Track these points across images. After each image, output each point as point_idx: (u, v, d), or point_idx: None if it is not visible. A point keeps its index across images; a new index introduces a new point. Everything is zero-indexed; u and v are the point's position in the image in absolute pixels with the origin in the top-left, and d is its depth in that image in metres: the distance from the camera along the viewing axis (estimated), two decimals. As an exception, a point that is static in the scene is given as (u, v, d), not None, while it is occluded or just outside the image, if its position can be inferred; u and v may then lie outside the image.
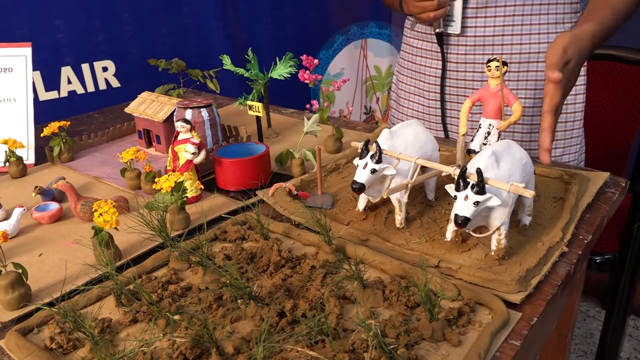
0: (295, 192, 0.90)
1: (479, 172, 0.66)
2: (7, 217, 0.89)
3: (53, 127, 1.10)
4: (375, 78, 2.87)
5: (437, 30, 1.10)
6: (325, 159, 1.05)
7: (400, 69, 1.30)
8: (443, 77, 1.12)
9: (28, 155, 1.14)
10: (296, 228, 0.81)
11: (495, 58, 0.82)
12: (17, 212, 0.86)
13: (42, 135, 1.11)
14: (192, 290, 0.68)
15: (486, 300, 0.63)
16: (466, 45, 1.10)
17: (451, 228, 0.75)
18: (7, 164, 1.08)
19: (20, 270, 0.67)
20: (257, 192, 0.92)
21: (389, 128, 0.81)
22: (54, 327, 0.62)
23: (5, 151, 1.07)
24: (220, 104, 1.52)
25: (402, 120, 1.32)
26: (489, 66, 0.83)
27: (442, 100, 1.16)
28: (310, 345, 0.56)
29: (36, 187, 0.92)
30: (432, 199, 0.88)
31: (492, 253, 0.71)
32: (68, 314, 0.59)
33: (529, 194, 0.66)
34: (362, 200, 0.85)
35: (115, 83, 2.04)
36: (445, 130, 1.21)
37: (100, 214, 0.71)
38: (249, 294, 0.62)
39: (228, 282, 0.62)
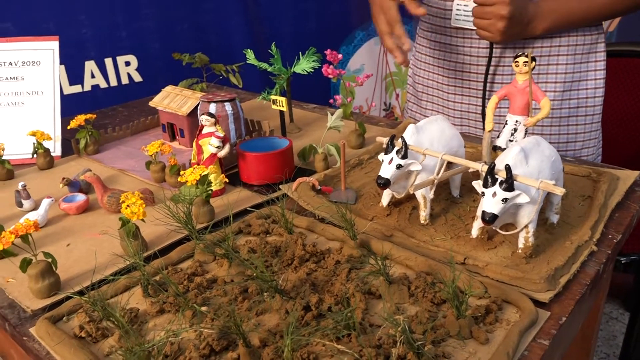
0: (319, 187, 0.90)
1: (507, 168, 0.65)
2: (35, 208, 0.91)
3: (80, 119, 1.12)
4: (395, 74, 2.85)
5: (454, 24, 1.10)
6: (348, 154, 1.05)
7: (417, 63, 1.29)
8: (487, 74, 1.10)
9: (55, 147, 1.16)
10: (320, 223, 0.81)
11: (523, 53, 0.81)
12: (45, 202, 0.87)
13: (68, 127, 1.12)
14: (217, 283, 0.69)
15: (514, 298, 0.62)
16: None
17: (477, 225, 0.75)
18: (35, 155, 1.10)
19: (49, 260, 0.69)
20: (280, 186, 0.92)
21: (415, 123, 0.81)
22: (83, 316, 0.63)
23: (33, 143, 1.09)
24: (242, 98, 1.52)
25: (419, 115, 1.31)
26: (516, 62, 0.82)
27: (484, 98, 1.14)
28: (336, 340, 0.56)
29: (63, 178, 0.93)
30: (457, 195, 0.87)
31: (519, 251, 0.70)
32: (97, 303, 0.60)
33: (559, 191, 0.65)
34: (386, 196, 0.84)
35: (137, 77, 2.06)
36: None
37: (128, 206, 0.72)
38: (274, 287, 0.63)
39: (254, 274, 0.62)
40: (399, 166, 0.74)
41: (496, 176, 0.66)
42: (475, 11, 1.00)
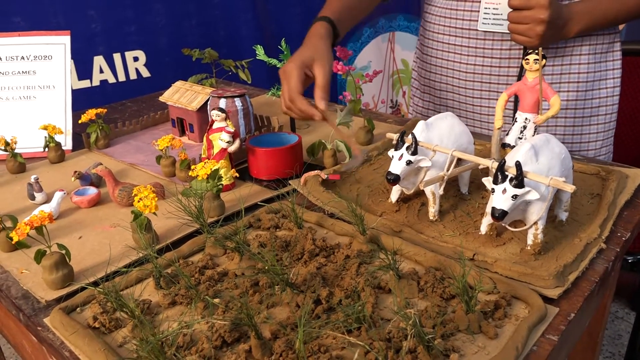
0: (326, 176, 0.91)
1: (518, 165, 0.65)
2: (47, 201, 0.92)
3: (90, 114, 1.13)
4: (402, 72, 2.85)
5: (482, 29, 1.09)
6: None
7: (423, 65, 1.29)
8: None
9: (66, 141, 1.17)
10: (329, 218, 0.81)
11: (534, 51, 0.81)
12: (57, 195, 0.88)
13: (80, 122, 1.13)
14: (228, 276, 0.70)
15: (523, 294, 0.62)
16: (510, 40, 1.08)
17: (486, 221, 0.75)
18: (47, 149, 1.11)
19: (63, 251, 0.70)
20: (290, 181, 0.93)
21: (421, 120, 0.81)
22: (97, 307, 0.63)
23: (45, 137, 1.10)
24: (250, 94, 1.53)
25: (425, 109, 1.31)
26: (527, 59, 0.82)
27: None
28: (347, 333, 0.57)
29: (75, 172, 0.94)
30: (465, 192, 0.88)
31: (528, 247, 0.71)
32: (110, 294, 0.61)
33: (570, 188, 0.65)
34: (395, 192, 0.85)
35: (145, 73, 2.07)
36: None
37: (140, 199, 0.73)
38: (285, 281, 0.63)
39: (266, 267, 0.63)
40: (408, 162, 0.75)
41: (506, 173, 0.66)
42: (512, 16, 0.97)
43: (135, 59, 2.04)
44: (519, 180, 0.65)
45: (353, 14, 1.11)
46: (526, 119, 0.85)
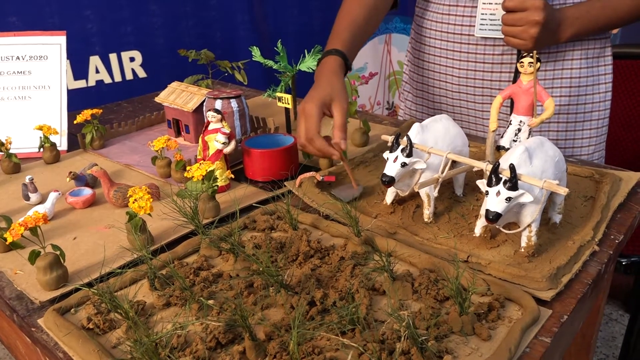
0: (321, 178, 0.91)
1: (512, 167, 0.65)
2: (42, 201, 0.92)
3: (86, 114, 1.13)
4: (398, 73, 2.85)
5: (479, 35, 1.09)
6: (352, 153, 1.06)
7: (415, 68, 1.29)
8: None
9: (61, 141, 1.17)
10: (325, 219, 0.81)
11: (529, 54, 0.82)
12: (52, 196, 0.88)
13: (75, 122, 1.13)
14: (222, 277, 0.70)
15: (516, 296, 0.63)
16: (503, 45, 1.08)
17: (480, 223, 0.75)
18: (42, 149, 1.11)
19: (58, 252, 0.69)
20: (285, 183, 0.93)
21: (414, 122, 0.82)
22: (91, 308, 0.63)
23: (40, 137, 1.10)
24: (246, 95, 1.53)
25: (419, 113, 1.32)
26: (521, 62, 0.82)
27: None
28: (341, 334, 0.57)
29: (70, 172, 0.94)
30: (460, 194, 0.88)
31: (522, 250, 0.71)
32: (105, 295, 0.61)
33: (563, 191, 0.65)
34: (390, 194, 0.85)
35: (141, 73, 2.07)
36: None
37: (135, 200, 0.73)
38: (280, 282, 0.63)
39: (261, 269, 0.63)
40: (403, 164, 0.75)
41: (500, 175, 0.67)
42: (506, 18, 0.97)
43: (132, 59, 2.04)
44: (513, 183, 0.65)
45: (362, 39, 1.10)
46: (521, 121, 0.86)
